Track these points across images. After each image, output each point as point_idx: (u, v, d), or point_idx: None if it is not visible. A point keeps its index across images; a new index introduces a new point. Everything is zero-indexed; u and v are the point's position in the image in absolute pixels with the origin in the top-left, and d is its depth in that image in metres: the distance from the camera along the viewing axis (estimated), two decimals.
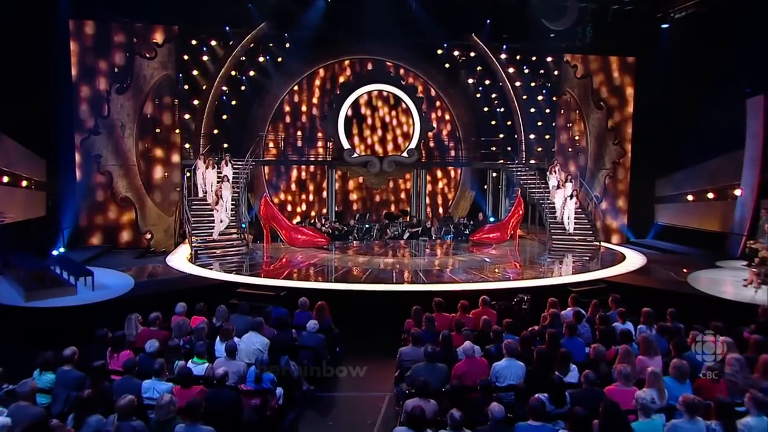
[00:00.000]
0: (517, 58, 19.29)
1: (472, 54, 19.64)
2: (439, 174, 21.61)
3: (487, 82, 20.26)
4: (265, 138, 18.62)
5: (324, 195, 19.45)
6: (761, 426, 4.52)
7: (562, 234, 15.24)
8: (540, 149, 19.30)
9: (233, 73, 17.96)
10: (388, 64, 20.26)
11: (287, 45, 18.33)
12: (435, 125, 20.56)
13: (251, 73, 18.40)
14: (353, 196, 20.90)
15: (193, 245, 13.35)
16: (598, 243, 15.18)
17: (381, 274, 11.97)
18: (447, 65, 20.27)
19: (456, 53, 19.82)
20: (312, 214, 19.50)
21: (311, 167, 20.17)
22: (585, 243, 15.14)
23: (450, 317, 7.74)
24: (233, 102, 18.51)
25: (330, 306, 8.14)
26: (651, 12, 16.27)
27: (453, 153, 21.11)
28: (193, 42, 16.96)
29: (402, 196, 21.22)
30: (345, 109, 18.53)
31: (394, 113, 20.65)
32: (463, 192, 21.51)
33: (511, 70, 19.15)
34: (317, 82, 20.26)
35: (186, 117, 17.12)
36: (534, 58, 19.13)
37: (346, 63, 20.43)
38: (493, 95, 20.43)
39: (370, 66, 20.30)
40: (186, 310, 7.63)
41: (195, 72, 17.36)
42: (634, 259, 13.82)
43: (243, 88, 18.53)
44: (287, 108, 19.92)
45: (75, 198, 14.63)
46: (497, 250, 15.63)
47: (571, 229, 15.14)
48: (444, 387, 5.66)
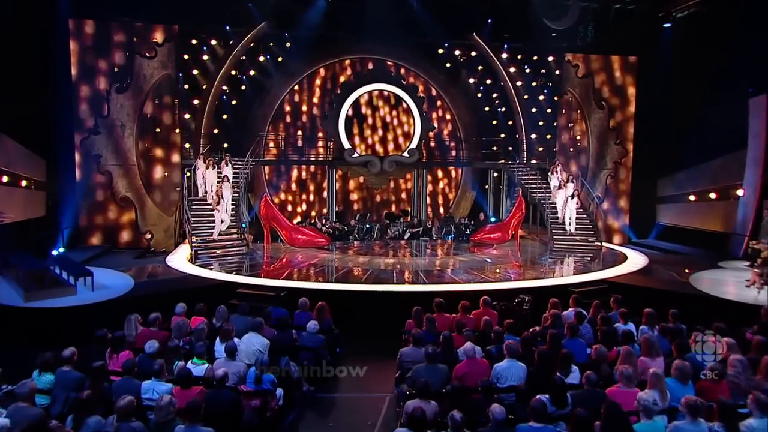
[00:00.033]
0: (519, 57, 19.22)
1: (473, 53, 19.60)
2: (440, 174, 21.57)
3: (489, 81, 20.22)
4: (266, 138, 18.60)
5: (324, 195, 19.42)
6: (764, 428, 4.48)
7: (563, 234, 15.22)
8: (541, 149, 19.25)
9: (233, 73, 17.94)
10: (388, 63, 20.23)
11: (288, 44, 18.29)
12: (436, 125, 20.53)
13: (251, 73, 18.37)
14: (354, 196, 20.87)
15: (193, 245, 13.33)
16: (599, 243, 15.14)
17: (381, 274, 11.95)
18: (448, 65, 20.23)
19: (457, 53, 19.77)
20: (312, 214, 19.48)
21: (312, 167, 20.15)
22: (586, 243, 15.12)
23: (451, 318, 7.72)
24: (233, 102, 18.48)
25: (330, 306, 8.11)
26: (653, 11, 16.22)
27: (454, 153, 21.07)
28: (194, 41, 16.92)
29: (403, 196, 21.19)
30: (345, 109, 18.53)
31: (394, 113, 20.62)
32: (464, 192, 21.48)
33: (513, 69, 19.11)
34: (318, 81, 20.24)
35: (186, 117, 17.10)
36: (535, 57, 19.07)
37: (346, 62, 20.40)
38: (495, 95, 20.39)
39: (370, 65, 20.27)
40: (186, 310, 7.60)
41: (195, 71, 17.33)
42: (635, 260, 13.79)
43: (243, 87, 18.50)
44: (288, 108, 19.90)
45: (75, 198, 14.61)
46: (498, 250, 15.60)
47: (573, 230, 15.12)
48: (445, 388, 5.64)
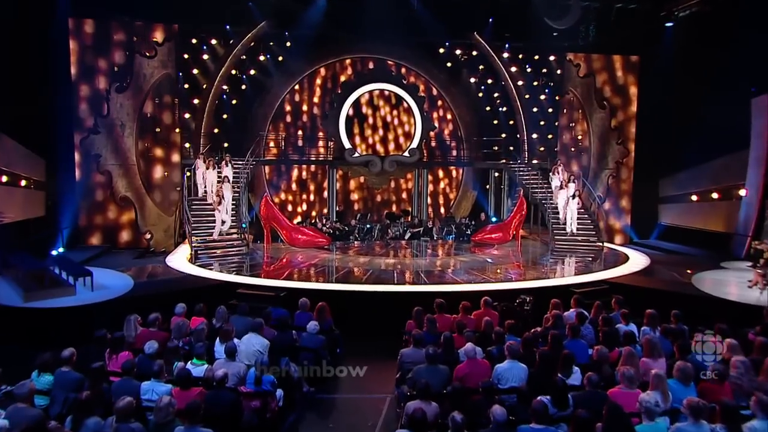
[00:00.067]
0: (520, 56, 19.19)
1: (474, 53, 19.57)
2: (441, 174, 21.53)
3: (490, 81, 20.19)
4: (266, 137, 18.57)
5: (325, 195, 19.38)
6: (767, 429, 4.45)
7: (564, 234, 15.18)
8: (542, 149, 19.23)
9: (234, 72, 17.91)
10: (389, 63, 20.19)
11: (288, 44, 18.26)
12: (437, 125, 20.51)
13: (252, 72, 18.34)
14: (354, 195, 20.83)
15: (193, 245, 13.31)
16: (601, 243, 15.08)
17: (382, 274, 11.93)
18: (449, 64, 20.19)
19: (458, 52, 19.73)
20: (313, 214, 19.44)
21: (312, 167, 20.12)
22: (588, 243, 15.07)
23: (451, 318, 7.69)
24: (234, 101, 18.45)
25: (331, 307, 8.10)
26: (655, 10, 16.13)
27: (455, 153, 21.05)
28: (194, 41, 16.88)
29: (403, 196, 21.16)
30: (346, 109, 18.52)
31: (395, 112, 20.59)
32: (465, 192, 21.45)
33: (514, 69, 19.10)
34: (318, 81, 20.21)
35: (186, 116, 17.07)
36: (537, 56, 19.03)
37: (347, 62, 20.37)
38: (496, 94, 20.36)
39: (371, 65, 20.24)
40: (186, 310, 7.58)
41: (195, 71, 17.29)
42: (637, 260, 13.75)
43: (243, 87, 18.47)
44: (288, 107, 19.86)
45: (74, 198, 14.58)
46: (499, 250, 15.57)
47: (574, 230, 15.08)
48: (445, 389, 5.62)
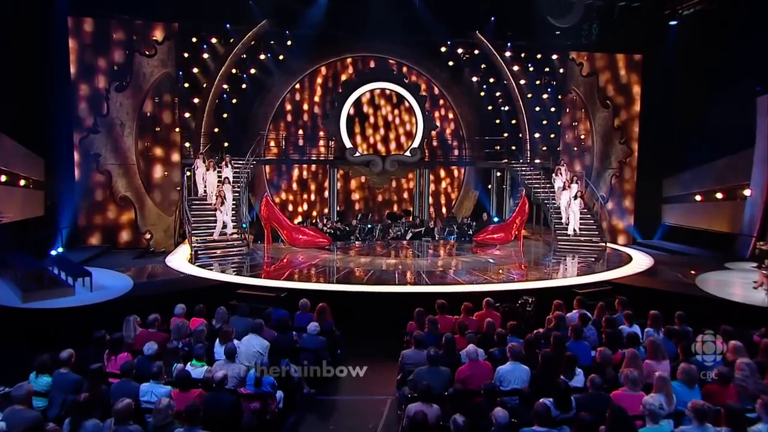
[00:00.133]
0: (522, 55, 19.12)
1: (476, 52, 19.51)
2: (443, 173, 21.47)
3: (492, 80, 20.12)
4: (266, 137, 18.54)
5: (326, 195, 19.34)
6: None
7: (567, 235, 15.11)
8: (545, 148, 19.15)
9: (234, 71, 17.87)
10: (390, 62, 20.15)
11: (289, 42, 18.24)
12: (438, 124, 20.47)
13: (252, 71, 18.30)
14: (355, 195, 20.79)
15: (193, 245, 13.27)
16: (604, 244, 15.04)
17: (383, 275, 11.88)
18: (450, 63, 20.13)
19: (460, 51, 19.68)
20: (313, 214, 19.41)
21: (313, 166, 20.10)
22: (591, 244, 15.02)
23: (453, 319, 7.66)
24: (234, 100, 18.41)
25: (331, 308, 8.08)
26: (658, 9, 16.05)
27: (456, 152, 21.02)
28: (194, 39, 16.85)
29: (405, 195, 21.13)
30: (347, 108, 18.51)
31: (396, 112, 20.55)
32: (467, 192, 21.39)
33: (516, 68, 19.02)
34: (319, 80, 20.18)
35: (186, 115, 17.03)
36: (539, 55, 18.95)
37: (348, 61, 20.34)
38: (498, 93, 20.28)
39: (372, 64, 20.19)
40: (185, 311, 7.56)
41: (195, 70, 17.24)
42: (640, 261, 13.67)
43: (244, 86, 18.45)
44: (288, 106, 19.84)
45: (74, 197, 14.57)
46: (501, 250, 15.52)
47: (577, 229, 15.01)
48: (447, 391, 5.59)
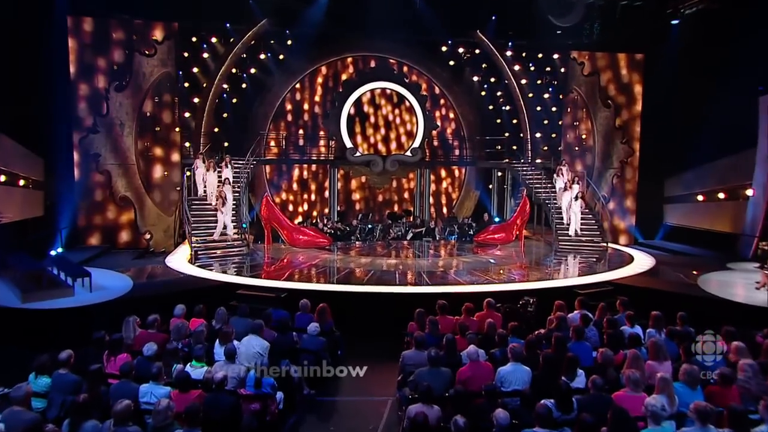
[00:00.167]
0: (523, 55, 19.08)
1: (476, 51, 19.48)
2: (443, 173, 21.45)
3: (493, 79, 20.10)
4: (267, 136, 18.52)
5: (326, 195, 19.32)
6: None
7: (568, 235, 15.05)
8: (546, 148, 19.11)
9: (234, 71, 17.85)
10: (391, 61, 20.12)
11: (289, 42, 18.23)
12: (439, 124, 20.45)
13: (252, 71, 18.29)
14: (356, 195, 20.77)
15: (193, 246, 13.24)
16: (605, 244, 14.99)
17: (384, 275, 11.85)
18: (451, 62, 20.12)
19: (460, 50, 19.66)
20: (314, 214, 19.39)
21: (313, 166, 20.09)
22: (592, 244, 14.98)
23: (454, 320, 7.64)
24: (234, 100, 18.40)
25: (332, 308, 8.06)
26: (660, 8, 15.98)
27: (457, 152, 21.00)
28: (194, 39, 16.83)
29: (405, 195, 21.11)
30: (347, 108, 18.47)
31: (397, 111, 20.52)
32: (468, 192, 21.37)
33: (517, 67, 18.99)
34: (319, 79, 20.17)
35: (186, 115, 17.02)
36: (540, 55, 18.91)
37: (348, 60, 20.32)
38: (499, 93, 20.27)
39: (373, 63, 20.17)
40: (185, 312, 7.55)
41: (195, 69, 17.22)
42: (642, 261, 13.62)
43: (244, 85, 18.44)
44: (289, 106, 19.83)
45: (73, 197, 14.54)
46: (502, 251, 15.49)
47: (578, 231, 14.97)
48: (448, 392, 5.56)
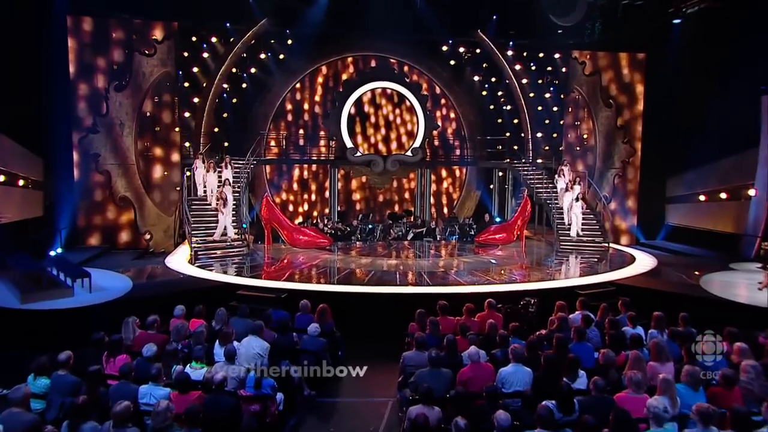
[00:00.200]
0: (524, 54, 19.05)
1: (477, 50, 19.47)
2: (444, 173, 21.45)
3: (493, 79, 20.10)
4: (267, 136, 18.50)
5: (326, 195, 19.31)
6: None
7: (569, 236, 15.01)
8: (547, 148, 19.09)
9: (234, 71, 17.84)
10: (391, 61, 20.12)
11: (289, 42, 18.23)
12: (440, 123, 20.45)
13: (252, 71, 18.30)
14: (356, 195, 20.76)
15: (193, 246, 13.21)
16: (606, 244, 14.96)
17: (384, 275, 11.82)
18: (452, 62, 20.11)
19: (461, 50, 19.65)
20: (314, 214, 19.37)
21: (313, 166, 20.08)
22: (594, 244, 14.94)
23: (455, 321, 7.62)
24: (234, 100, 18.40)
25: (332, 309, 8.05)
26: (662, 7, 15.89)
27: (458, 152, 20.99)
28: (193, 39, 16.82)
29: (406, 195, 21.10)
30: (348, 107, 18.47)
31: (398, 111, 20.50)
32: (469, 192, 21.35)
33: (518, 67, 18.96)
34: (320, 79, 20.17)
35: (186, 115, 17.01)
36: (541, 54, 18.88)
37: (349, 60, 20.32)
38: (500, 93, 20.26)
39: (373, 63, 20.17)
40: (185, 312, 7.54)
41: (195, 69, 17.22)
42: (644, 261, 13.57)
43: (244, 85, 18.45)
44: (289, 106, 19.83)
45: (73, 198, 14.49)
46: (503, 251, 15.45)
47: (579, 232, 14.94)
48: (448, 393, 5.53)
